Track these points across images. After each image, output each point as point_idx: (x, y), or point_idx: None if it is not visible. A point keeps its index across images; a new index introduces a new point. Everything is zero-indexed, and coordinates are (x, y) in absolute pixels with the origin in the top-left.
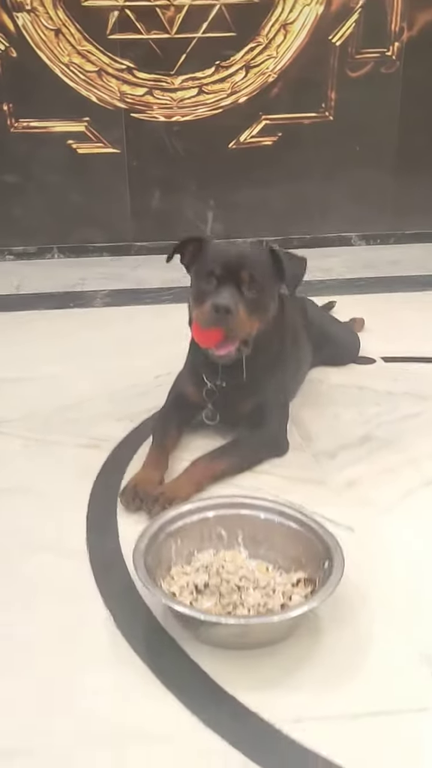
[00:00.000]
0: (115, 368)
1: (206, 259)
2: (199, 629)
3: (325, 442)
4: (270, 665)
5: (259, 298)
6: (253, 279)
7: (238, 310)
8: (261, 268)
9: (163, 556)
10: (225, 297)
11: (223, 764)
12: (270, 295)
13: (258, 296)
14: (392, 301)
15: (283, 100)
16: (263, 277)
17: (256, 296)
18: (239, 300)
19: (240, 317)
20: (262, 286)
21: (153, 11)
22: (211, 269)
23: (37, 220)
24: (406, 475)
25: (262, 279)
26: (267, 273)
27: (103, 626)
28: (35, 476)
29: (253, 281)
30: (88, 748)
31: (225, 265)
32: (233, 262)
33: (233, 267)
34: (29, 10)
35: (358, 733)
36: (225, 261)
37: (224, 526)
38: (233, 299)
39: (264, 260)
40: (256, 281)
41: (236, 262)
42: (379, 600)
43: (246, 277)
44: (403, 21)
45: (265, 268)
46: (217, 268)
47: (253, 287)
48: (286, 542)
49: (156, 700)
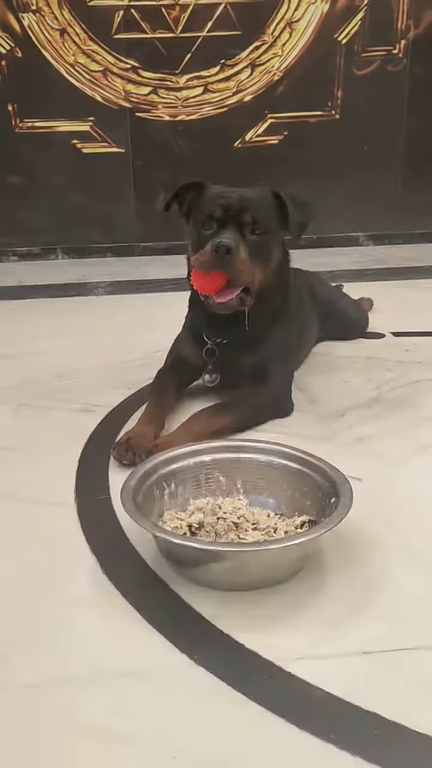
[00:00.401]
0: (113, 345)
1: (206, 203)
2: (193, 568)
3: (332, 404)
4: (270, 604)
5: (261, 242)
6: (255, 221)
7: (240, 252)
8: (264, 211)
9: (156, 500)
10: (226, 237)
11: (219, 702)
12: (273, 241)
13: (261, 240)
14: (403, 287)
15: (289, 98)
16: (266, 220)
17: (259, 240)
18: (241, 242)
19: (241, 259)
20: (265, 229)
21: (158, 11)
22: (211, 212)
23: (41, 221)
24: (421, 431)
25: (265, 222)
26: (270, 217)
27: (89, 572)
28: (26, 436)
29: (256, 224)
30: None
31: (226, 207)
32: (235, 204)
33: (235, 209)
34: (35, 11)
35: (370, 670)
36: (226, 203)
37: (222, 471)
38: (234, 240)
39: (267, 204)
40: (259, 224)
41: (238, 204)
42: (392, 543)
43: (248, 219)
44: (409, 19)
45: (269, 212)
46: (217, 211)
47: (255, 230)
48: (289, 485)
49: (144, 641)
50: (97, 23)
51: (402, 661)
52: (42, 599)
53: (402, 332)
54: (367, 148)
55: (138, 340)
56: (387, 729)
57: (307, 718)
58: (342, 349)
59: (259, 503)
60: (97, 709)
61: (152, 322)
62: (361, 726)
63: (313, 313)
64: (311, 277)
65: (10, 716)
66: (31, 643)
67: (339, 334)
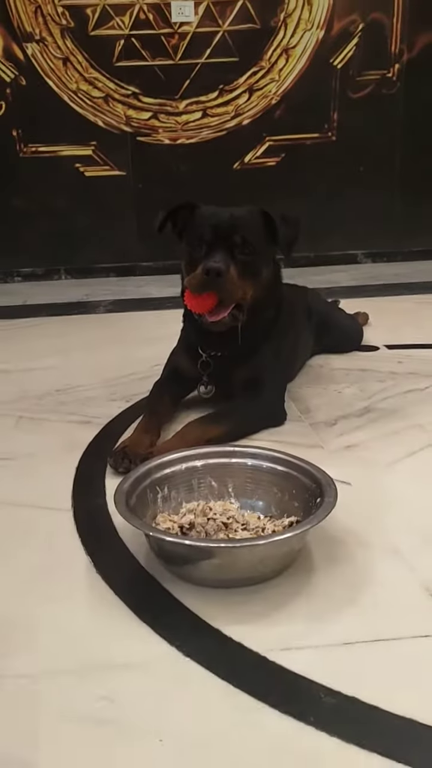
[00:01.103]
0: (113, 360)
1: (197, 224)
2: (183, 566)
3: (324, 413)
4: (257, 600)
5: (252, 261)
6: (244, 241)
7: (230, 273)
8: (253, 230)
9: (149, 503)
10: (216, 260)
11: (204, 690)
12: (263, 258)
13: (251, 259)
14: (397, 302)
15: (286, 121)
16: (255, 239)
17: (249, 259)
18: (231, 262)
19: (232, 279)
20: (254, 248)
21: (158, 39)
22: (202, 234)
23: (45, 242)
24: (410, 438)
25: (254, 241)
26: (259, 235)
27: (83, 570)
28: (26, 447)
29: (245, 244)
30: (65, 677)
31: (215, 228)
32: (224, 226)
33: (224, 230)
34: (38, 40)
35: (350, 658)
36: (215, 224)
37: (213, 475)
38: (224, 262)
39: (256, 222)
40: (249, 243)
41: (227, 225)
42: (377, 543)
43: (238, 240)
44: (402, 43)
45: (258, 230)
46: (207, 233)
47: (245, 250)
48: (277, 488)
49: (135, 635)
50: (99, 52)
51: (380, 651)
52: (38, 597)
53: (395, 345)
54: (363, 169)
55: (137, 356)
56: (364, 711)
57: (289, 703)
58: (337, 362)
59: (249, 506)
60: (89, 698)
61: (152, 338)
62: (339, 709)
63: (308, 326)
64: (307, 292)
65: (4, 705)
66: (27, 638)
67: (334, 347)
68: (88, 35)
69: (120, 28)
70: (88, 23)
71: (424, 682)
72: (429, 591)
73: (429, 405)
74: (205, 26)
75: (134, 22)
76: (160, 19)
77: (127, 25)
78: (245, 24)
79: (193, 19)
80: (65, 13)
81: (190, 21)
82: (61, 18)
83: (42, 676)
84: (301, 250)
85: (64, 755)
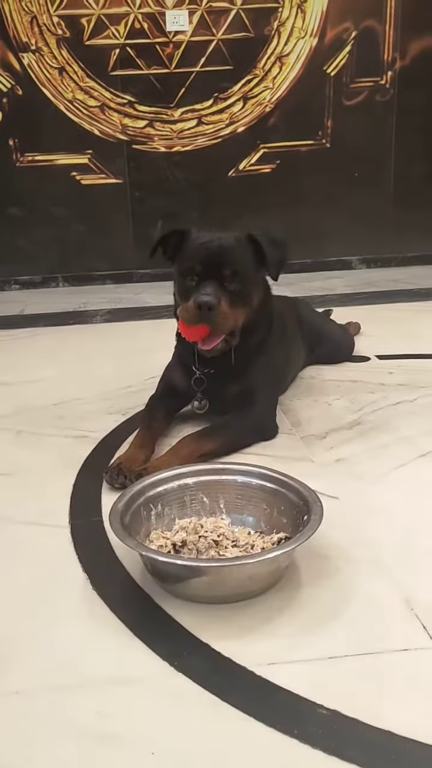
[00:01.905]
0: (110, 373)
1: (187, 253)
2: (175, 584)
3: (315, 426)
4: (246, 616)
5: (242, 290)
6: (234, 272)
7: (221, 306)
8: (242, 258)
9: (143, 521)
10: (207, 293)
11: (195, 705)
12: (254, 284)
13: (241, 287)
14: (390, 310)
15: (281, 128)
16: (245, 267)
17: (240, 288)
18: (222, 294)
19: (223, 312)
20: (244, 277)
21: (152, 48)
22: (192, 265)
23: (42, 250)
24: (399, 451)
25: (244, 270)
26: (248, 263)
27: (80, 587)
28: (24, 462)
29: (235, 274)
30: (60, 692)
31: (205, 261)
32: (213, 258)
33: (214, 262)
34: (34, 50)
35: (334, 672)
36: (205, 257)
37: (205, 492)
38: (216, 295)
39: (245, 249)
40: (238, 273)
41: (217, 257)
42: (362, 557)
43: (227, 272)
44: (395, 51)
45: (247, 258)
46: (197, 265)
47: (235, 280)
48: (266, 504)
49: (129, 650)
50: (94, 61)
51: (362, 665)
52: (35, 613)
53: (386, 355)
54: (358, 175)
55: (133, 368)
56: (345, 724)
57: (274, 717)
58: (328, 373)
59: (240, 522)
60: (83, 712)
61: (147, 349)
62: (322, 722)
63: (300, 338)
64: (298, 304)
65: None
66: (24, 653)
67: (326, 359)
68: (84, 45)
69: (115, 38)
70: (84, 33)
71: (404, 695)
72: (410, 605)
73: (418, 417)
74: (199, 35)
75: (129, 31)
76: (155, 29)
77: (122, 35)
78: (239, 32)
79: (187, 28)
80: (61, 23)
81: (184, 30)
82: (56, 28)
83: (38, 692)
84: (297, 257)
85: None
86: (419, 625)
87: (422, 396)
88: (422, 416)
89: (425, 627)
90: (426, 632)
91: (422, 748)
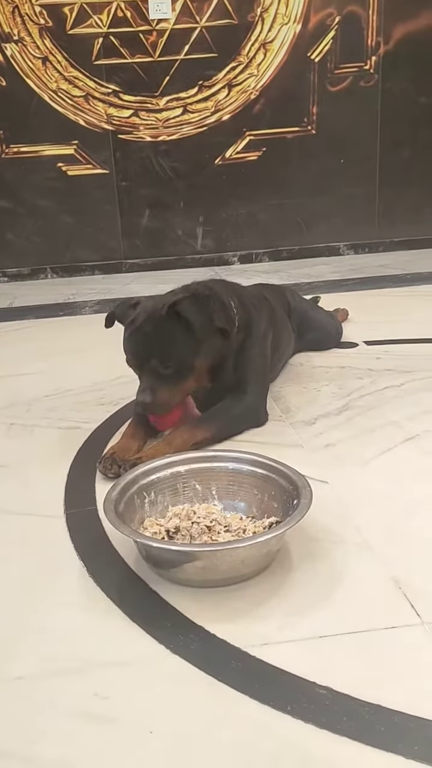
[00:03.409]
0: (101, 363)
1: (123, 343)
2: (170, 569)
3: (304, 413)
4: (239, 598)
5: (179, 370)
6: (163, 360)
7: (157, 398)
8: (169, 341)
9: (137, 508)
10: (143, 390)
11: (191, 685)
12: (192, 357)
13: (177, 369)
14: (377, 296)
15: (266, 116)
16: (175, 349)
17: (175, 370)
18: (158, 383)
19: (163, 401)
20: (178, 358)
21: (136, 36)
22: (127, 360)
23: (30, 242)
24: (386, 435)
25: (174, 353)
26: (178, 341)
27: (77, 575)
28: (18, 454)
29: (164, 361)
30: (59, 676)
31: (134, 356)
32: (139, 354)
33: (141, 357)
34: (17, 41)
35: (324, 651)
36: (133, 352)
37: (197, 479)
38: (150, 390)
39: (170, 327)
40: (170, 358)
41: (143, 350)
42: (352, 540)
43: (155, 363)
44: (379, 36)
45: (175, 337)
46: (130, 359)
47: (167, 365)
48: (257, 490)
49: (125, 634)
50: (78, 51)
51: (353, 643)
52: (34, 601)
53: (374, 341)
54: (344, 161)
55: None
56: (336, 699)
57: (268, 695)
58: (317, 360)
59: (232, 507)
60: (81, 695)
61: None
62: (314, 698)
63: (289, 326)
64: (286, 292)
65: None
66: (22, 640)
67: (314, 346)
68: (67, 34)
69: (98, 27)
70: (66, 22)
71: (392, 670)
72: (398, 585)
73: (405, 401)
74: (182, 23)
75: (112, 20)
76: (137, 17)
77: (105, 24)
78: (222, 19)
79: (170, 16)
80: (43, 12)
81: (167, 18)
82: (39, 17)
83: (38, 677)
84: (284, 244)
85: (59, 749)
86: (407, 603)
87: (409, 381)
88: (409, 401)
89: (413, 605)
90: (414, 610)
91: (409, 719)
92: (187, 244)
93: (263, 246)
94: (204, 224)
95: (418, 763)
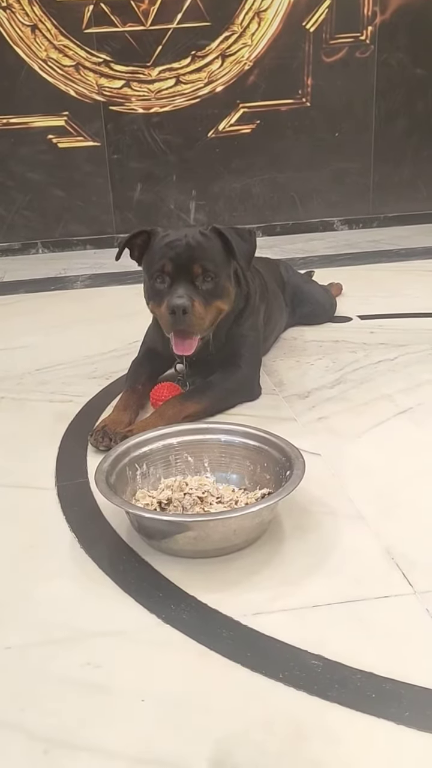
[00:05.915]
0: (91, 337)
1: (156, 254)
2: (162, 539)
3: (297, 386)
4: (231, 569)
5: (215, 286)
6: (205, 270)
7: (195, 307)
8: (212, 255)
9: (129, 480)
10: (179, 294)
11: (182, 654)
12: (226, 278)
13: (214, 285)
14: (371, 270)
15: (260, 87)
16: (215, 263)
17: (212, 286)
18: (195, 295)
19: (198, 313)
20: (216, 272)
21: (127, 4)
22: (162, 266)
23: (21, 216)
24: (378, 409)
25: (214, 266)
26: (218, 258)
27: (68, 546)
28: (8, 427)
29: (206, 272)
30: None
31: (175, 260)
32: (183, 257)
33: (184, 262)
34: (5, 7)
35: (317, 620)
36: (174, 256)
37: (189, 451)
38: (188, 296)
39: (213, 245)
40: (209, 271)
41: (186, 256)
42: (343, 510)
43: (198, 271)
44: (375, 5)
45: (216, 254)
46: (167, 265)
47: (207, 277)
48: (249, 461)
49: (118, 605)
50: (68, 18)
51: (344, 612)
52: (25, 572)
53: (368, 315)
54: (339, 135)
55: (116, 332)
56: (328, 667)
57: (260, 663)
58: (310, 334)
59: (224, 479)
60: (75, 664)
61: (129, 314)
62: (306, 666)
63: (282, 300)
64: (280, 266)
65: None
66: (15, 611)
67: (308, 320)
68: (57, 1)
69: None
70: None
71: (382, 638)
72: (390, 555)
73: (398, 375)
74: None
75: None
76: None
77: None
78: None
79: None
80: None
81: None
82: None
83: (30, 646)
84: (278, 219)
85: (52, 717)
86: (399, 573)
87: (402, 354)
88: (402, 374)
89: (405, 575)
90: (405, 579)
91: (400, 685)
92: (180, 218)
93: (257, 221)
94: (197, 198)
95: (409, 729)
